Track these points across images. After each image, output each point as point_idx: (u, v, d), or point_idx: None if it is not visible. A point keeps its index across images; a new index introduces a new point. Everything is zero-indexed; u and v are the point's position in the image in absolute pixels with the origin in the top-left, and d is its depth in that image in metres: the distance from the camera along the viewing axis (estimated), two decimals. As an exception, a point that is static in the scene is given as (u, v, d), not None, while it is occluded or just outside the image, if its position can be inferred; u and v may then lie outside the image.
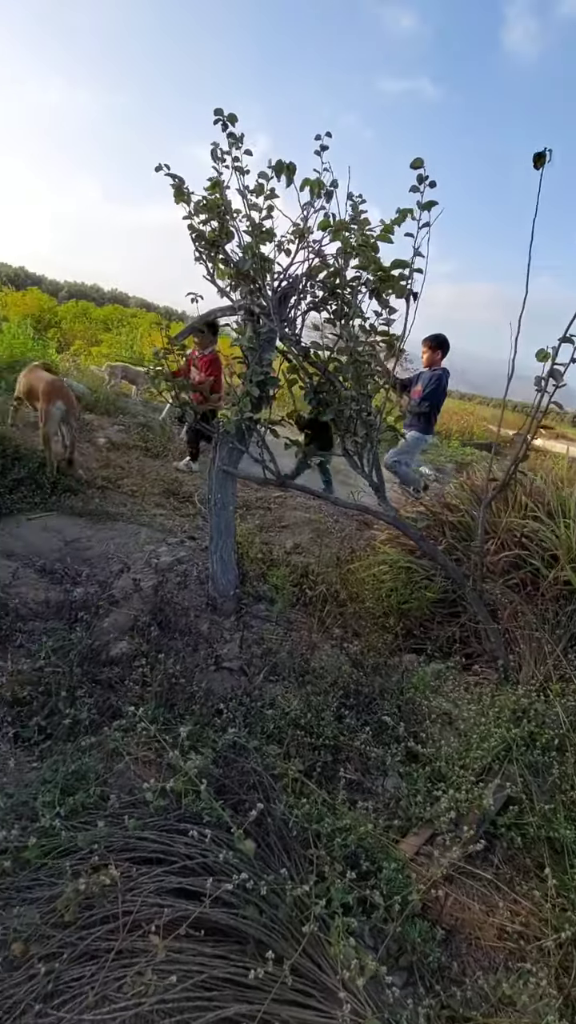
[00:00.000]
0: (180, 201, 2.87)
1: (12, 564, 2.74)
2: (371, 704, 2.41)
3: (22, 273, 48.11)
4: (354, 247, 2.57)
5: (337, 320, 2.71)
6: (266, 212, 2.79)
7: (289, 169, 2.74)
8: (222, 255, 2.92)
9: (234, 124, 2.67)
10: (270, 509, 4.54)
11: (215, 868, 1.32)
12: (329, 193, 2.71)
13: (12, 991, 1.09)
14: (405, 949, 1.49)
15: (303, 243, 2.78)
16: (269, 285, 2.79)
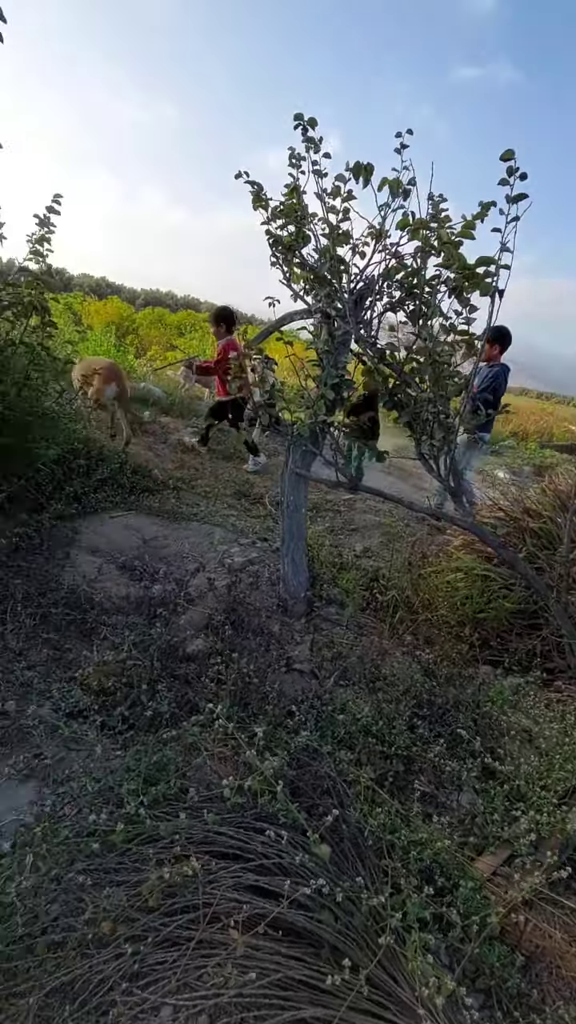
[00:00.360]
0: (258, 207, 2.92)
1: (97, 560, 2.90)
2: (445, 716, 2.34)
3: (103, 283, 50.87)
4: (434, 246, 2.51)
5: (415, 320, 2.65)
6: (343, 214, 2.78)
7: (367, 170, 2.72)
8: (298, 259, 2.94)
9: (313, 128, 2.69)
10: (339, 512, 4.52)
11: (291, 869, 1.34)
12: (407, 192, 2.66)
13: (101, 967, 1.15)
14: (482, 972, 1.44)
15: (379, 244, 2.75)
16: (345, 287, 2.78)
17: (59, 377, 3.79)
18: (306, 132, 2.68)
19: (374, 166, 2.72)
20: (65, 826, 1.43)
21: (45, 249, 3.21)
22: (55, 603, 2.36)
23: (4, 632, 2.15)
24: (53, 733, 1.75)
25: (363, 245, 2.80)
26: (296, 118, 2.68)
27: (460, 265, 2.41)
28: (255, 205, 2.95)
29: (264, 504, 4.34)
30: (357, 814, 1.55)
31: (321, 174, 2.72)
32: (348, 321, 2.68)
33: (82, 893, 1.25)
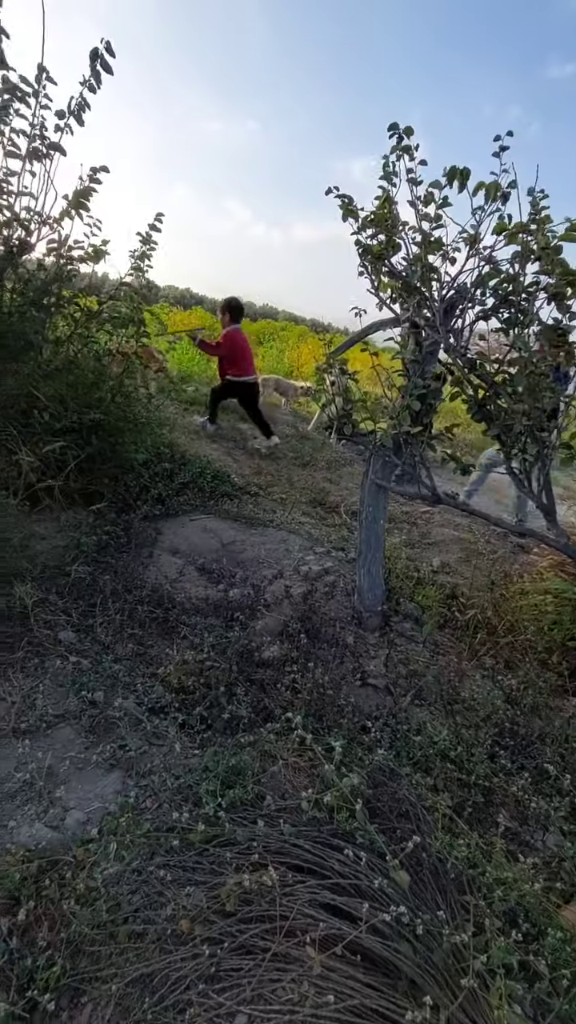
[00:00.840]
0: (348, 218, 2.93)
1: (178, 561, 3.00)
2: (529, 748, 2.20)
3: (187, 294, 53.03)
4: (533, 250, 2.40)
5: (510, 328, 2.54)
6: (435, 221, 2.72)
7: (463, 175, 2.65)
8: (387, 268, 2.91)
9: (409, 136, 2.66)
10: (416, 524, 4.41)
11: (368, 893, 1.30)
12: (506, 195, 2.57)
13: (179, 965, 1.17)
14: (571, 1033, 1.33)
15: (473, 250, 2.66)
16: (435, 295, 2.72)
17: (149, 384, 3.99)
18: (401, 140, 2.65)
19: (470, 171, 2.65)
20: (146, 819, 1.47)
21: (145, 265, 3.38)
22: (140, 600, 2.46)
23: (94, 625, 2.27)
24: (136, 726, 1.82)
25: (454, 251, 2.72)
26: (391, 127, 2.67)
27: (564, 271, 2.28)
28: (345, 216, 2.96)
29: (339, 513, 4.32)
30: (438, 844, 1.48)
31: (416, 182, 2.68)
32: (438, 330, 2.62)
33: (163, 887, 1.28)
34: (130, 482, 3.50)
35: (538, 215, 2.49)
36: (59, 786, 1.55)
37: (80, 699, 1.88)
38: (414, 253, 2.75)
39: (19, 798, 1.50)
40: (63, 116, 2.90)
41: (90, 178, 3.09)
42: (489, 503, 5.47)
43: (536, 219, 2.48)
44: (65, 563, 2.62)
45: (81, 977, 1.17)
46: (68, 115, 2.90)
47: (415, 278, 2.68)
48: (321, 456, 5.63)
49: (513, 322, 2.57)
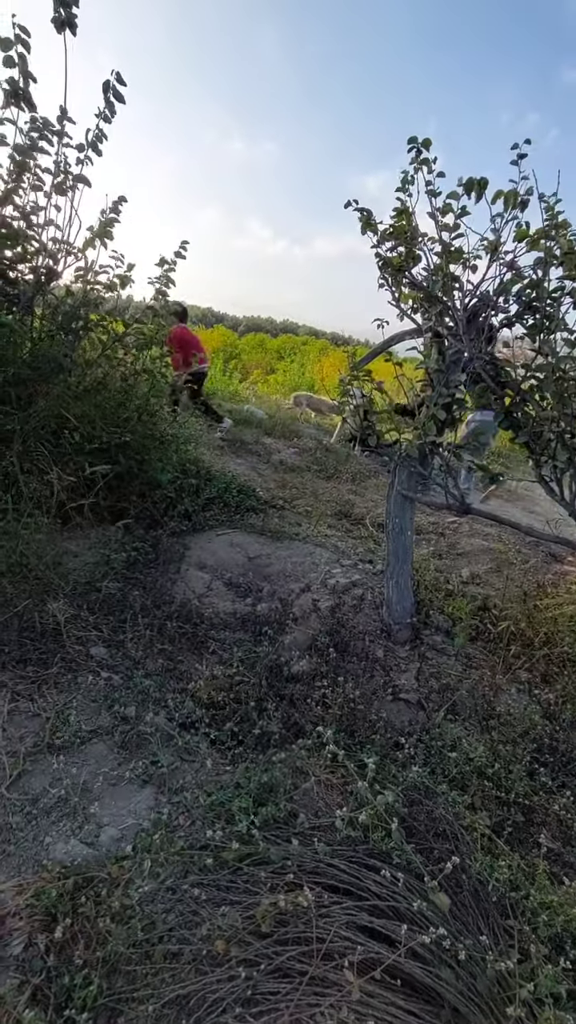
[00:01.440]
0: (367, 231, 2.95)
1: (206, 576, 3.01)
2: (570, 764, 2.13)
3: (209, 313, 54.13)
4: (556, 256, 2.38)
5: (535, 334, 2.51)
6: (455, 232, 2.72)
7: (480, 185, 2.65)
8: (407, 279, 2.92)
9: (428, 149, 2.68)
10: (444, 535, 4.35)
11: (406, 915, 1.26)
12: (524, 203, 2.56)
13: (215, 987, 1.15)
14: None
15: (495, 257, 2.65)
16: (457, 304, 2.71)
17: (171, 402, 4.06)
18: (419, 154, 2.67)
19: (488, 180, 2.66)
20: (180, 836, 1.47)
21: (168, 288, 3.47)
22: (169, 616, 2.47)
23: (125, 640, 2.29)
24: (168, 742, 1.82)
25: (475, 259, 2.72)
26: (410, 141, 2.68)
27: (589, 274, 2.25)
28: (364, 230, 2.99)
29: (366, 525, 4.29)
30: (478, 865, 1.43)
31: (435, 193, 2.69)
32: (461, 339, 2.60)
33: (197, 907, 1.27)
34: (157, 498, 3.55)
35: (555, 219, 2.48)
36: (93, 802, 1.56)
37: (112, 715, 1.89)
38: (435, 263, 2.75)
39: (54, 814, 1.51)
40: (82, 149, 3.01)
41: (113, 209, 3.20)
42: (518, 512, 5.37)
43: (555, 224, 2.47)
44: (96, 579, 2.66)
45: (118, 997, 1.16)
46: (87, 147, 3.02)
47: (436, 288, 2.67)
48: (346, 468, 5.62)
49: (539, 328, 2.54)
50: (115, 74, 3.01)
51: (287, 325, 58.14)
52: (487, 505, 5.52)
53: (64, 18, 2.79)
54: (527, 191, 2.57)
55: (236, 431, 6.02)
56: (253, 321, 59.41)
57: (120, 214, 3.25)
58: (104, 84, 3.01)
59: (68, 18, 2.80)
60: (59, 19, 2.79)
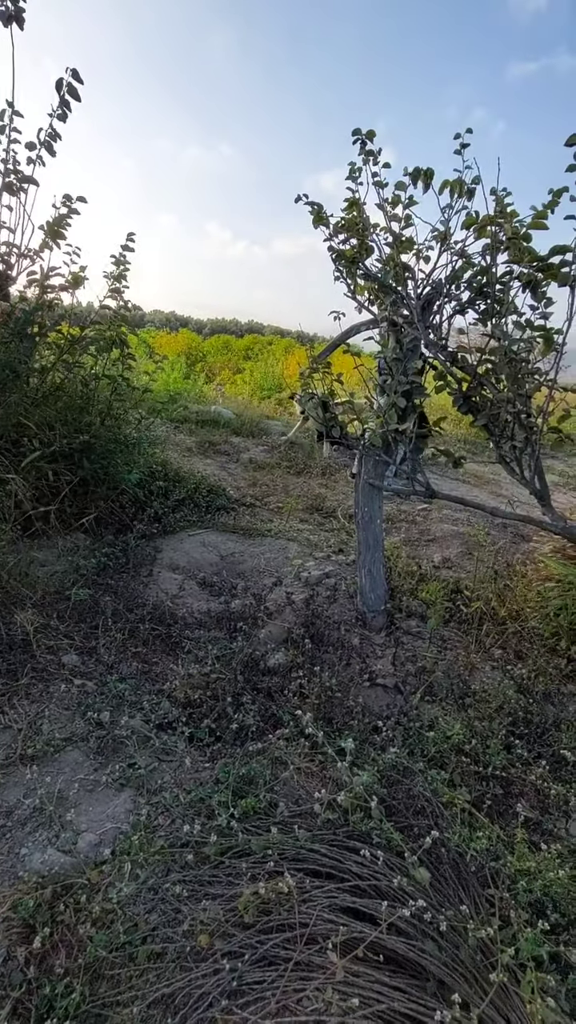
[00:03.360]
0: (319, 225, 2.96)
1: (178, 577, 2.99)
2: (545, 735, 2.18)
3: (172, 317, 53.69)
4: (502, 241, 2.44)
5: (487, 319, 2.56)
6: (405, 221, 2.76)
7: (426, 175, 2.70)
8: (362, 271, 2.94)
9: (372, 140, 2.71)
10: (415, 522, 4.40)
11: (388, 893, 1.27)
12: (471, 191, 2.61)
13: (200, 982, 1.14)
14: (611, 1025, 1.29)
15: (445, 246, 2.69)
16: (411, 293, 2.74)
17: (138, 405, 4.01)
18: (364, 145, 2.70)
19: (433, 171, 2.70)
20: (160, 836, 1.45)
21: (122, 286, 3.42)
22: (141, 619, 2.44)
23: (97, 646, 2.26)
24: (145, 744, 1.80)
25: (427, 249, 2.76)
26: (355, 133, 2.71)
27: (532, 258, 2.31)
28: (316, 224, 3.00)
29: (337, 517, 4.31)
30: (456, 838, 1.45)
31: (381, 184, 2.72)
32: (416, 327, 2.64)
33: (179, 904, 1.26)
34: (125, 503, 3.51)
35: (504, 210, 2.53)
36: (69, 810, 1.53)
37: (86, 721, 1.86)
38: (386, 254, 2.78)
39: (29, 825, 1.48)
40: (33, 148, 2.95)
41: (65, 206, 3.14)
42: (485, 495, 5.47)
43: (503, 213, 2.52)
44: (65, 587, 2.61)
45: (102, 1002, 1.14)
46: (39, 146, 2.96)
47: (389, 278, 2.71)
48: (315, 463, 5.64)
49: (490, 312, 2.59)
50: (70, 71, 2.95)
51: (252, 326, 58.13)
52: (456, 490, 5.61)
53: (11, 12, 2.72)
54: (473, 180, 2.62)
55: (204, 432, 5.98)
56: (218, 323, 59.22)
57: (76, 214, 3.19)
58: (58, 82, 2.94)
59: (16, 12, 2.73)
60: (6, 13, 2.72)
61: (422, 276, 2.79)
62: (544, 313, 2.48)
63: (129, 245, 3.37)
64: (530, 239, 2.42)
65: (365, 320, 3.08)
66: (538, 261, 2.35)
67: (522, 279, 2.49)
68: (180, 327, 21.30)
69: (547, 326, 2.48)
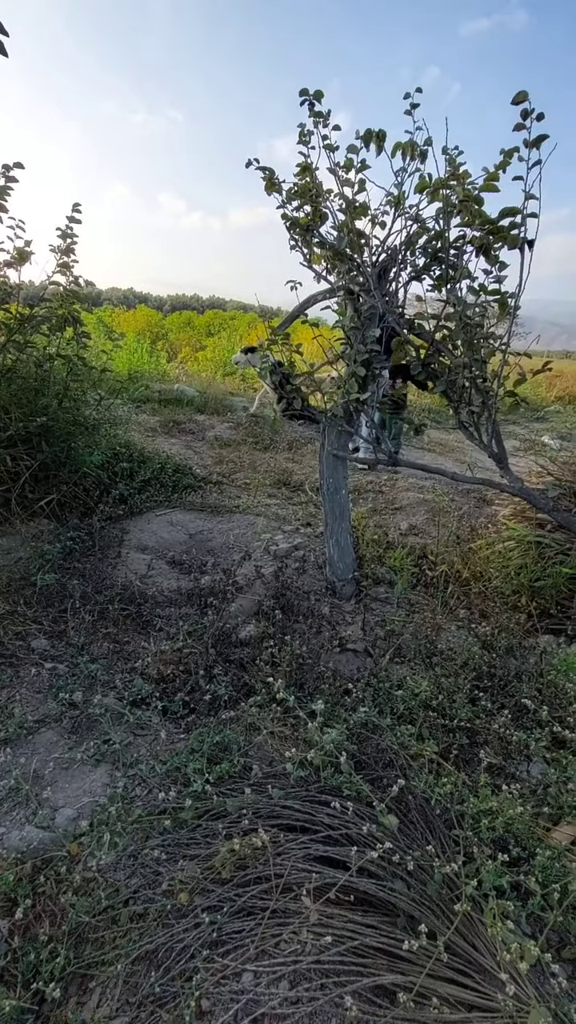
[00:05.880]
0: (272, 192, 2.90)
1: (147, 557, 2.98)
2: (507, 687, 2.28)
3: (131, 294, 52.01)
4: (455, 204, 2.43)
5: (442, 285, 2.57)
6: (358, 186, 2.72)
7: (379, 137, 2.65)
8: (317, 238, 2.90)
9: (320, 101, 2.64)
10: (382, 492, 4.46)
11: (359, 840, 1.34)
12: (424, 153, 2.58)
13: (182, 936, 1.19)
14: (568, 942, 1.40)
15: (399, 211, 2.68)
16: (367, 261, 2.73)
17: (97, 385, 3.91)
18: (313, 107, 2.64)
19: (386, 132, 2.65)
20: (137, 806, 1.48)
21: (71, 260, 3.30)
22: (111, 600, 2.44)
23: (67, 629, 2.25)
24: (119, 720, 1.82)
25: (383, 215, 2.73)
26: (302, 93, 2.64)
27: (483, 220, 2.32)
28: (268, 190, 2.94)
29: (305, 491, 4.34)
30: (423, 785, 1.53)
31: (332, 148, 2.67)
32: (373, 295, 2.63)
33: (158, 867, 1.30)
34: (89, 486, 3.45)
35: (456, 171, 2.51)
36: (46, 788, 1.54)
37: (59, 702, 1.86)
38: (340, 220, 2.75)
39: (6, 804, 1.49)
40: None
41: (3, 176, 2.98)
42: (449, 462, 5.57)
43: (455, 175, 2.50)
44: (30, 573, 2.58)
45: (88, 964, 1.18)
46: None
47: (343, 245, 2.68)
48: (281, 438, 5.63)
49: (445, 279, 2.60)
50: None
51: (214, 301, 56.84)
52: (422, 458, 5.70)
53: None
54: (425, 141, 2.59)
55: (167, 411, 5.89)
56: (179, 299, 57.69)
57: (15, 182, 3.02)
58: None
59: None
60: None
61: (377, 243, 2.77)
62: (498, 277, 2.51)
63: (76, 216, 3.24)
64: (482, 202, 2.43)
65: (322, 290, 3.06)
66: (489, 224, 2.36)
67: (475, 243, 2.50)
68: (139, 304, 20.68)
69: (501, 290, 2.52)
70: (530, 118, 2.14)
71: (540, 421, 8.95)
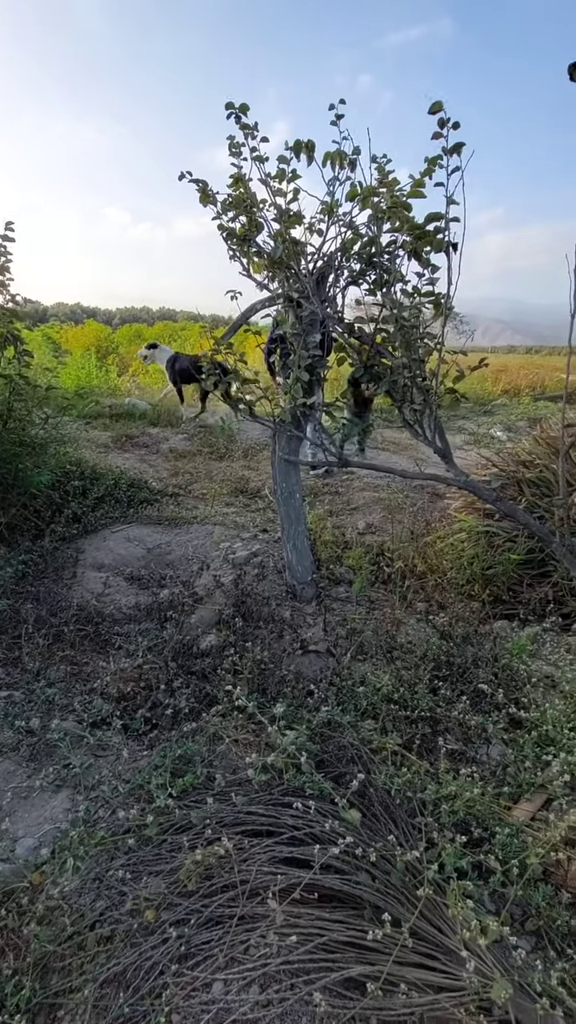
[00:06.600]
0: (207, 203, 2.92)
1: (103, 575, 2.93)
2: (465, 674, 2.35)
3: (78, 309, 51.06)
4: (384, 210, 2.51)
5: (378, 289, 2.65)
6: (292, 195, 2.77)
7: (308, 147, 2.72)
8: (255, 248, 2.94)
9: (246, 114, 2.68)
10: (339, 493, 4.53)
11: (323, 838, 1.36)
12: (352, 162, 2.66)
13: (149, 953, 1.18)
14: (530, 914, 1.45)
15: (333, 218, 2.74)
16: (304, 268, 2.78)
17: (43, 404, 3.83)
18: (239, 119, 2.67)
19: (315, 143, 2.72)
20: (101, 828, 1.46)
21: (6, 279, 3.24)
22: (66, 621, 2.39)
23: (20, 656, 2.19)
24: (79, 743, 1.79)
25: (319, 223, 2.79)
26: (227, 107, 2.68)
27: (411, 226, 2.40)
28: (203, 202, 2.96)
29: (262, 497, 4.36)
30: (384, 777, 1.56)
31: (262, 159, 2.72)
32: (312, 301, 2.68)
33: (123, 887, 1.29)
34: (40, 507, 3.38)
35: (385, 179, 2.60)
36: (4, 819, 1.50)
37: (15, 731, 1.82)
38: (275, 230, 2.79)
39: (-38, 842, 1.44)
40: None
41: None
42: (404, 460, 5.69)
43: (384, 182, 2.58)
44: (-19, 601, 2.50)
45: (55, 992, 1.15)
46: None
47: (279, 254, 2.72)
48: (236, 446, 5.64)
49: (381, 283, 2.68)
50: None
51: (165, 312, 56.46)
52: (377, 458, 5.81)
53: None
54: (353, 151, 2.67)
55: (120, 426, 5.81)
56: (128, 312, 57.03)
57: None
58: None
59: None
60: None
61: (313, 250, 2.83)
62: (431, 279, 2.60)
63: (8, 235, 3.18)
64: (411, 208, 2.51)
65: (264, 298, 3.09)
66: (416, 229, 2.45)
67: (406, 248, 2.59)
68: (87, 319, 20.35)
69: (435, 291, 2.61)
70: (447, 127, 2.24)
71: (488, 415, 9.26)
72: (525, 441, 3.72)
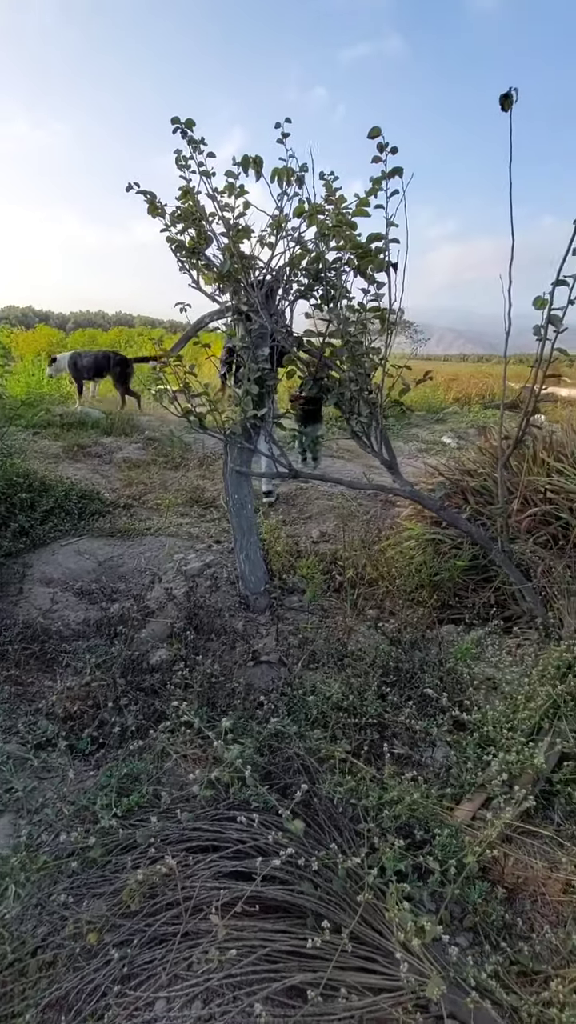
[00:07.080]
0: (155, 215, 2.93)
1: (50, 590, 2.87)
2: (412, 679, 2.42)
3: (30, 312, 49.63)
4: (330, 228, 2.58)
5: (325, 304, 2.71)
6: (240, 209, 2.81)
7: (256, 163, 2.76)
8: (204, 260, 2.96)
9: (192, 129, 2.70)
10: (293, 503, 4.58)
11: (267, 850, 1.38)
12: (300, 178, 2.72)
13: (92, 976, 1.17)
14: (467, 911, 1.51)
15: (281, 234, 2.79)
16: (253, 282, 2.82)
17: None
18: (186, 135, 2.70)
19: (263, 159, 2.77)
20: (44, 852, 1.44)
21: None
22: (11, 640, 2.33)
23: (-39, 678, 2.13)
24: (23, 766, 1.75)
25: (269, 237, 2.83)
26: (173, 122, 2.69)
27: (354, 245, 2.48)
28: (151, 213, 2.96)
29: (217, 507, 4.36)
30: (328, 786, 1.60)
31: (208, 174, 2.74)
32: (261, 314, 2.72)
33: (64, 911, 1.27)
34: (-16, 521, 3.28)
35: (333, 195, 2.67)
36: None
37: (-45, 756, 1.76)
38: (223, 243, 2.82)
39: None
40: None
41: None
42: (358, 469, 5.80)
43: (331, 199, 2.65)
44: None
45: (-8, 1028, 1.13)
46: None
47: (227, 267, 2.75)
48: (192, 455, 5.62)
49: (328, 298, 2.75)
50: None
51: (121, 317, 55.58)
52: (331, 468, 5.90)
53: None
54: (301, 168, 2.73)
55: (71, 436, 5.69)
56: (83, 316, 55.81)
57: None
58: None
59: None
60: None
61: (263, 264, 2.87)
62: (377, 295, 2.68)
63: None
64: (355, 226, 2.59)
65: (214, 310, 3.12)
66: (360, 248, 2.53)
67: (351, 265, 2.67)
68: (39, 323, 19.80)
69: (380, 307, 2.69)
70: (386, 151, 2.33)
71: (440, 422, 9.55)
72: (471, 450, 3.86)
